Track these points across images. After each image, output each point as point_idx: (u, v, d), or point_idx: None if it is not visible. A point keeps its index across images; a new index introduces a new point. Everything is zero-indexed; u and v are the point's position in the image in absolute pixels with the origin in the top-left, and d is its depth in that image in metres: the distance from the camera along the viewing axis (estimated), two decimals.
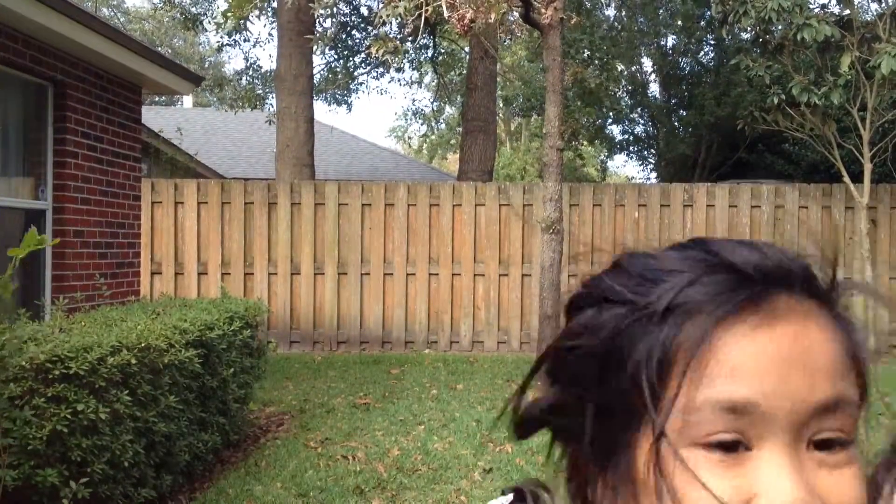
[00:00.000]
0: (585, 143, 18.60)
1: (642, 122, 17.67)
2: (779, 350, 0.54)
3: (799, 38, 8.22)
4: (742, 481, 0.52)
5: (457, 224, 9.62)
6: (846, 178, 8.94)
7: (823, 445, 0.55)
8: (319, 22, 13.01)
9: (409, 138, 33.25)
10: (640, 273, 0.58)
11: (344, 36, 15.24)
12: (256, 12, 13.13)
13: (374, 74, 17.07)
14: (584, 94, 14.11)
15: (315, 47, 9.42)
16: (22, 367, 3.06)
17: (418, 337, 9.62)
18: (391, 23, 8.16)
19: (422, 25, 7.00)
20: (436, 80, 18.17)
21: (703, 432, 0.53)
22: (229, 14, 13.07)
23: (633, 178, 30.50)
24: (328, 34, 14.05)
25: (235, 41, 15.55)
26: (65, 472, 3.15)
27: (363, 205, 9.63)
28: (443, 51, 16.55)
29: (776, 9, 8.19)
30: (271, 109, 15.10)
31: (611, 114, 16.92)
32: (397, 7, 6.56)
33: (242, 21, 13.75)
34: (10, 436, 2.98)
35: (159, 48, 23.51)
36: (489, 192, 9.67)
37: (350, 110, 27.13)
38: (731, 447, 0.53)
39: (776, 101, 8.99)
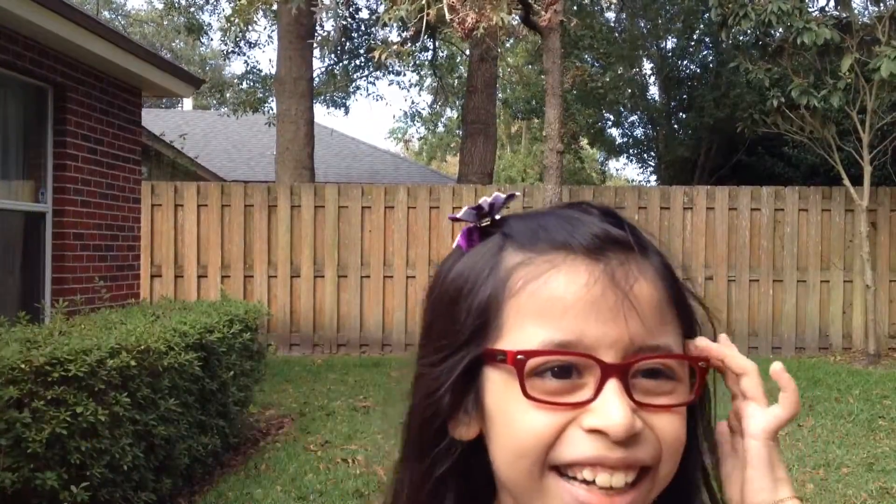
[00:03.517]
0: (587, 144, 18.61)
1: (642, 124, 17.67)
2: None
3: (798, 41, 8.22)
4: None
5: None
6: (846, 181, 8.94)
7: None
8: (320, 25, 13.02)
9: (408, 141, 33.25)
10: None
11: (344, 39, 15.25)
12: (258, 14, 13.13)
13: (374, 78, 17.10)
14: (585, 95, 14.12)
15: (317, 51, 9.44)
16: (21, 369, 3.06)
17: (419, 340, 9.61)
18: (392, 26, 8.17)
19: (423, 28, 7.00)
20: (436, 83, 18.18)
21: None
22: (232, 19, 13.08)
23: (632, 180, 30.49)
24: (330, 37, 14.07)
25: (239, 46, 15.57)
26: (64, 476, 3.15)
27: (363, 207, 9.63)
28: (443, 53, 16.56)
29: (775, 12, 8.19)
30: (271, 112, 15.11)
31: (610, 117, 16.92)
32: (399, 10, 6.57)
33: (247, 25, 13.75)
34: (7, 438, 2.97)
35: (160, 51, 23.52)
36: (489, 194, 9.64)
37: (347, 113, 27.14)
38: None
39: (776, 103, 8.99)
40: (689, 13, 15.02)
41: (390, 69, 16.52)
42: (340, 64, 16.13)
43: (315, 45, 10.75)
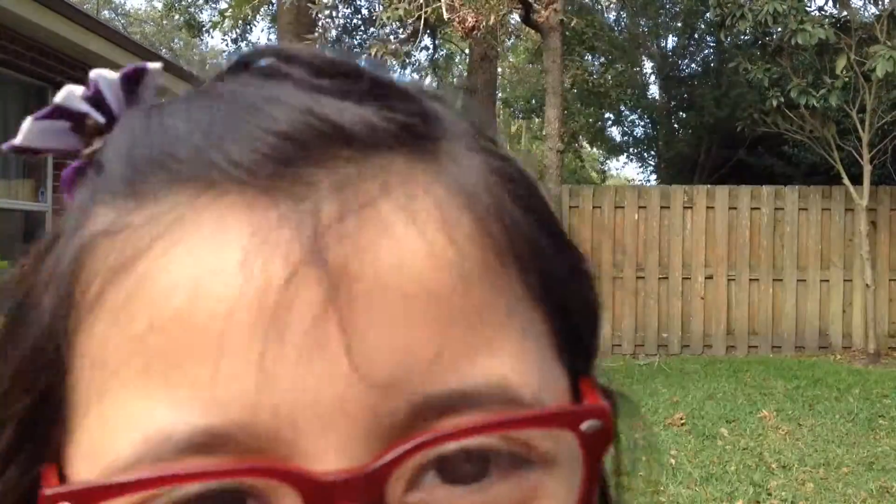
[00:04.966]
0: (587, 143, 18.62)
1: (642, 123, 17.67)
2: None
3: (793, 41, 8.24)
4: None
5: None
6: (846, 180, 8.94)
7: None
8: (319, 24, 13.05)
9: None
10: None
11: (345, 37, 15.25)
12: (256, 13, 13.14)
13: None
14: (588, 93, 14.13)
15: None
16: None
17: None
18: (391, 24, 8.18)
19: (421, 27, 7.00)
20: (435, 83, 18.19)
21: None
22: (227, 14, 13.09)
23: (632, 179, 30.51)
24: (327, 35, 14.08)
25: (238, 46, 15.59)
26: None
27: None
28: (443, 51, 16.57)
29: (772, 13, 8.20)
30: None
31: (610, 116, 16.93)
32: (397, 9, 6.57)
33: (241, 21, 13.76)
34: None
35: (159, 50, 23.56)
36: None
37: None
38: None
39: (775, 103, 8.99)
40: (689, 13, 15.03)
41: (393, 68, 16.53)
42: None
43: (312, 42, 10.75)
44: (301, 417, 0.25)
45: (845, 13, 8.90)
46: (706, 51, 15.91)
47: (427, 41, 14.76)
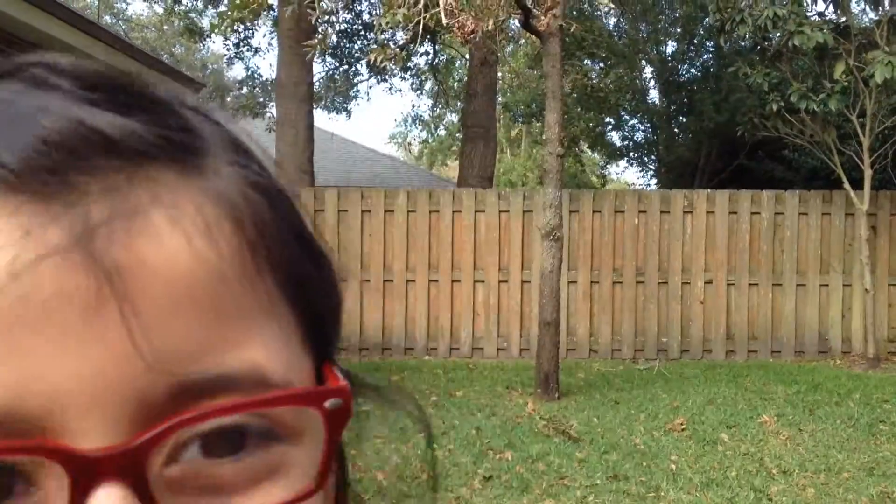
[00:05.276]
0: (587, 147, 18.64)
1: (642, 128, 17.70)
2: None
3: (791, 44, 8.26)
4: None
5: (457, 230, 9.61)
6: (846, 185, 8.94)
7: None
8: (318, 29, 13.08)
9: (409, 144, 33.30)
10: None
11: (345, 42, 15.28)
12: (256, 15, 13.17)
13: (374, 82, 17.13)
14: (588, 98, 14.15)
15: (314, 53, 9.48)
16: None
17: (418, 343, 9.61)
18: (391, 30, 8.20)
19: (420, 32, 7.01)
20: (436, 87, 18.22)
21: None
22: (226, 17, 13.12)
23: (632, 184, 30.51)
24: (325, 41, 14.12)
25: (239, 50, 15.63)
26: None
27: (363, 211, 9.63)
28: (443, 56, 16.60)
29: (771, 17, 8.22)
30: (271, 118, 15.14)
31: (610, 120, 16.96)
32: (396, 14, 6.58)
33: (238, 23, 13.79)
34: None
35: (160, 55, 23.60)
36: (489, 198, 9.66)
37: (349, 117, 27.30)
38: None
39: (775, 107, 9.00)
40: (688, 18, 15.07)
41: (393, 73, 16.56)
42: (340, 68, 16.17)
43: (310, 48, 10.79)
44: (69, 399, 0.27)
45: (845, 18, 8.91)
46: (706, 55, 15.93)
47: (427, 46, 14.78)
